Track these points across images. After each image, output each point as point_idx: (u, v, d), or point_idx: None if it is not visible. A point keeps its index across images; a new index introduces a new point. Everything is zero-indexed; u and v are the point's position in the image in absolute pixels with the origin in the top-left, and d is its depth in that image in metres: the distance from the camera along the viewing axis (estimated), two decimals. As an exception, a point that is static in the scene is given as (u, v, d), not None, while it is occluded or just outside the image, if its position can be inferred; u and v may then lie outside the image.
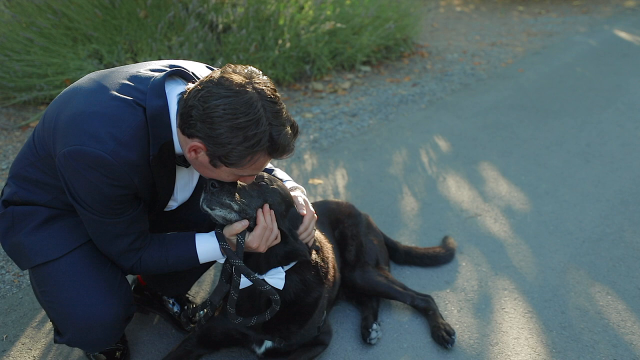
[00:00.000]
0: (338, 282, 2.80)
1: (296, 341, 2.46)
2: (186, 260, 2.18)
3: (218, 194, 2.02)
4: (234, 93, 1.77)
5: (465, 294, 3.04)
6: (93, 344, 2.11)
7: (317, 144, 4.88)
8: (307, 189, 4.09)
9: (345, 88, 6.33)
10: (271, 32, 5.86)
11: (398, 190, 4.12)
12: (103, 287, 2.06)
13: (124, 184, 1.90)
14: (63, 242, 2.08)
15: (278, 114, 1.83)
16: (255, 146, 1.81)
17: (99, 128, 1.84)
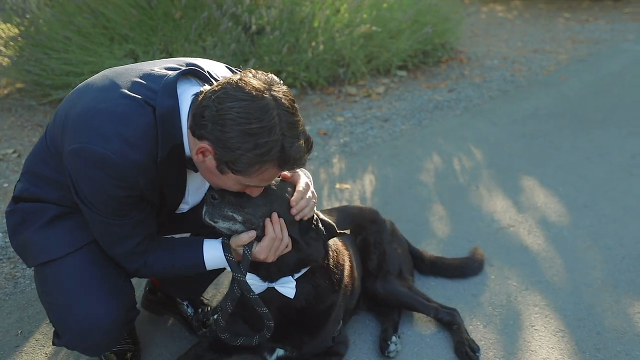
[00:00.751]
0: (357, 291, 2.69)
1: (309, 351, 2.36)
2: (192, 266, 2.11)
3: (219, 205, 1.93)
4: (250, 97, 1.69)
5: (492, 308, 2.89)
6: (91, 348, 2.05)
7: (347, 148, 4.78)
8: (333, 193, 4.00)
9: (379, 92, 6.22)
10: (305, 34, 5.80)
11: (427, 197, 3.99)
12: (104, 289, 2.00)
13: (129, 185, 1.84)
14: (67, 241, 2.04)
15: (293, 126, 1.75)
16: (265, 155, 1.72)
17: (107, 126, 1.78)
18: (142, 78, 1.89)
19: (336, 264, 2.35)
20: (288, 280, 2.16)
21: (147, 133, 1.81)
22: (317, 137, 4.99)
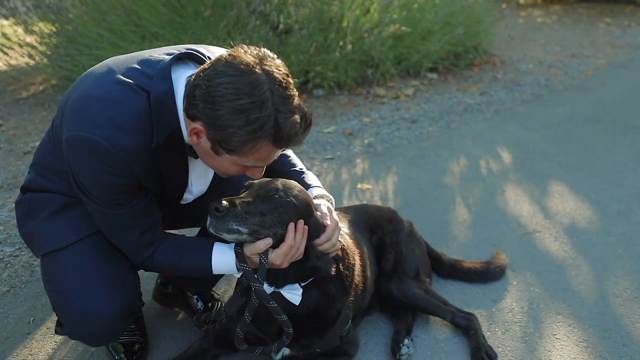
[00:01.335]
0: (370, 291, 2.61)
1: (316, 350, 2.30)
2: (199, 268, 2.06)
3: (223, 219, 1.85)
4: (239, 73, 1.64)
5: (512, 315, 2.77)
6: (92, 338, 2.03)
7: (371, 149, 4.70)
8: (354, 193, 3.93)
9: (408, 94, 6.12)
10: (333, 33, 5.75)
11: (451, 200, 3.88)
12: (106, 280, 1.98)
13: (123, 173, 1.80)
14: (72, 231, 2.02)
15: (287, 100, 1.67)
16: (258, 132, 1.66)
17: (99, 113, 1.75)
18: (139, 64, 1.85)
19: (347, 266, 2.28)
20: (295, 287, 2.10)
21: (141, 119, 1.77)
22: (342, 137, 4.93)
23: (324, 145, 4.76)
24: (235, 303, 2.17)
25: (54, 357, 2.44)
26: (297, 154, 4.48)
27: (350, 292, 2.30)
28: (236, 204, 1.88)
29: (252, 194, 1.96)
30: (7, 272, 2.99)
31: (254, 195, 1.95)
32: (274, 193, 1.96)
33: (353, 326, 2.49)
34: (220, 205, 1.84)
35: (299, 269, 2.06)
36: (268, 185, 1.98)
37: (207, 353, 2.36)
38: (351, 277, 2.31)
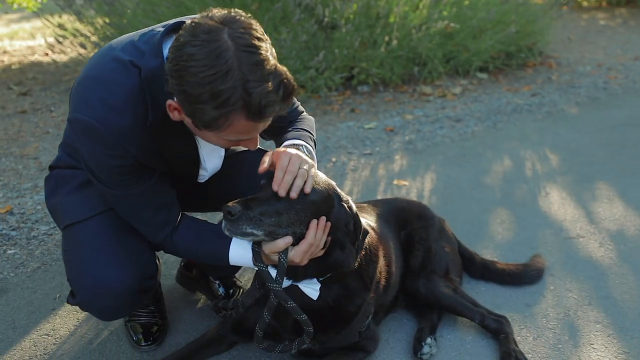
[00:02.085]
0: (394, 287, 2.52)
1: (333, 344, 2.23)
2: (216, 258, 2.02)
3: (237, 222, 1.77)
4: (201, 42, 1.50)
5: (547, 321, 2.61)
6: (102, 311, 2.02)
7: (411, 146, 4.59)
8: (390, 189, 3.83)
9: (455, 93, 5.96)
10: (379, 29, 5.65)
11: (491, 200, 3.72)
12: (118, 254, 1.97)
13: (119, 154, 1.76)
14: (91, 205, 2.03)
15: (257, 67, 1.52)
16: (225, 105, 1.52)
17: (92, 93, 1.72)
18: (138, 38, 1.78)
19: (369, 262, 2.19)
20: (313, 282, 2.04)
21: (134, 96, 1.70)
22: (382, 133, 4.84)
23: (364, 140, 4.67)
24: (253, 295, 2.13)
25: (75, 333, 2.47)
26: (335, 148, 4.45)
27: (371, 288, 2.22)
28: (250, 205, 1.79)
29: (268, 192, 1.86)
30: (40, 249, 3.05)
31: (269, 194, 1.85)
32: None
33: (374, 322, 2.41)
34: (232, 209, 1.76)
35: (319, 264, 2.00)
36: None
37: (223, 340, 2.33)
38: (372, 272, 2.22)
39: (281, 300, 1.94)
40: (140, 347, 2.38)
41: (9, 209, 3.40)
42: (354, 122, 5.08)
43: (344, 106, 5.55)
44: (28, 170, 4.01)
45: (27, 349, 2.37)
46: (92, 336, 2.45)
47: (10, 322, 2.51)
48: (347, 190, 3.80)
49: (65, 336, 2.44)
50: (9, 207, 3.43)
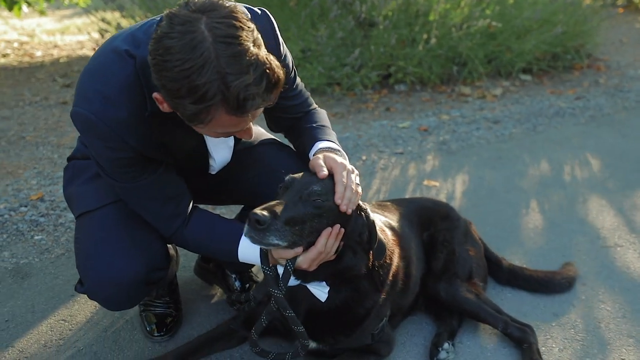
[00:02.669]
0: (414, 290, 2.43)
1: (343, 346, 2.17)
2: (226, 254, 2.00)
3: (263, 232, 1.68)
4: (177, 33, 1.42)
5: (575, 332, 2.48)
6: (108, 301, 2.01)
7: (445, 146, 4.46)
8: (419, 189, 3.73)
9: (495, 95, 5.78)
10: (418, 27, 5.54)
11: (524, 204, 3.58)
12: (126, 245, 1.95)
13: (118, 146, 1.73)
14: (102, 195, 2.03)
15: (236, 58, 1.43)
16: (203, 101, 1.45)
17: (89, 86, 1.69)
18: (137, 28, 1.73)
19: (382, 264, 2.12)
20: (322, 284, 1.99)
21: (130, 87, 1.66)
22: (416, 133, 4.73)
23: (396, 139, 4.58)
24: (264, 289, 2.10)
25: (91, 320, 2.48)
26: (366, 146, 4.37)
27: (383, 290, 2.14)
28: (277, 213, 1.71)
29: (294, 198, 1.78)
30: (65, 237, 3.10)
31: (295, 200, 1.78)
32: (316, 198, 1.77)
33: (391, 326, 2.34)
34: (261, 218, 1.66)
35: (329, 269, 1.95)
36: (310, 187, 1.79)
37: (234, 334, 2.30)
38: (385, 275, 2.15)
39: (280, 308, 1.91)
40: (152, 337, 2.38)
41: (40, 196, 3.47)
42: (387, 120, 4.99)
43: (379, 105, 5.46)
44: (63, 160, 4.08)
45: (44, 333, 2.39)
46: (107, 324, 2.46)
47: (30, 306, 2.54)
48: (375, 189, 3.72)
49: (81, 323, 2.46)
50: (41, 194, 3.50)
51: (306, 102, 2.21)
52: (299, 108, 2.18)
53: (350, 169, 1.85)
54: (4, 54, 7.69)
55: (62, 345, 2.33)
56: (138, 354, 2.31)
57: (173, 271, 2.51)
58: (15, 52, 7.92)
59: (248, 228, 1.70)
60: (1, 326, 2.42)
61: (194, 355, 2.25)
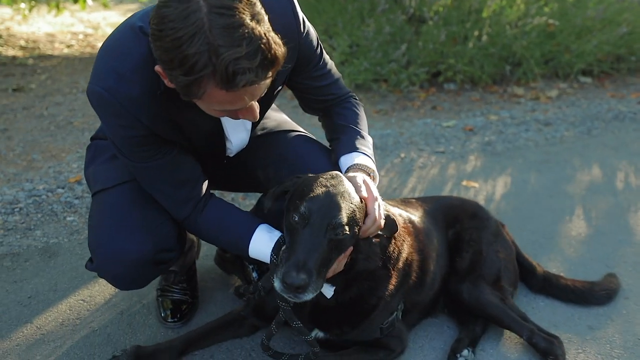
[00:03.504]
0: (432, 287, 2.31)
1: (351, 338, 2.09)
2: (237, 247, 1.98)
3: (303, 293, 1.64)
4: (175, 2, 1.40)
5: (611, 347, 2.29)
6: (115, 279, 1.99)
7: (490, 147, 4.28)
8: (457, 189, 3.58)
9: (550, 96, 5.51)
10: (469, 23, 5.35)
11: (568, 210, 3.37)
12: (136, 224, 1.93)
13: (130, 124, 1.71)
14: (117, 175, 2.02)
15: (228, 30, 1.38)
16: (193, 72, 1.41)
17: (104, 64, 1.68)
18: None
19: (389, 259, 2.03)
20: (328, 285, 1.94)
21: (143, 65, 1.62)
22: (460, 132, 4.56)
23: (438, 138, 4.43)
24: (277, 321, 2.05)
25: (109, 302, 2.49)
26: (406, 144, 4.25)
27: (389, 285, 2.05)
28: (311, 269, 1.63)
29: (319, 235, 1.68)
30: (95, 219, 3.14)
31: (320, 237, 1.68)
32: (341, 230, 1.69)
33: (406, 323, 2.24)
34: (301, 283, 1.61)
35: (339, 277, 1.90)
36: (335, 220, 1.68)
37: (244, 322, 2.27)
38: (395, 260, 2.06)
39: (288, 319, 1.88)
40: (166, 323, 2.37)
41: (78, 179, 3.54)
42: (432, 119, 4.83)
43: (425, 103, 5.31)
44: (105, 145, 4.17)
45: (62, 312, 2.42)
46: (124, 307, 2.47)
47: (53, 284, 2.59)
48: (410, 187, 3.60)
49: (99, 304, 2.48)
50: (79, 177, 3.57)
51: (336, 85, 2.16)
52: (328, 90, 2.13)
53: (380, 201, 1.84)
54: (69, 45, 7.98)
55: (78, 324, 2.35)
56: (150, 338, 2.30)
57: (191, 257, 2.50)
58: (79, 43, 8.21)
59: (284, 291, 1.66)
60: (23, 302, 2.47)
61: (204, 341, 2.24)
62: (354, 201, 1.75)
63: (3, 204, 3.23)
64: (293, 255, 1.67)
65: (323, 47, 2.08)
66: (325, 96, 2.14)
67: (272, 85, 1.93)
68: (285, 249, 1.76)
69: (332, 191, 1.73)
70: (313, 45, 2.00)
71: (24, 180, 3.53)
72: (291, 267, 1.64)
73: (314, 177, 1.82)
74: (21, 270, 2.67)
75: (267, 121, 2.35)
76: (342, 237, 1.70)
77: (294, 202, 1.75)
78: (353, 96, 2.23)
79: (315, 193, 1.73)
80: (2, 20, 8.86)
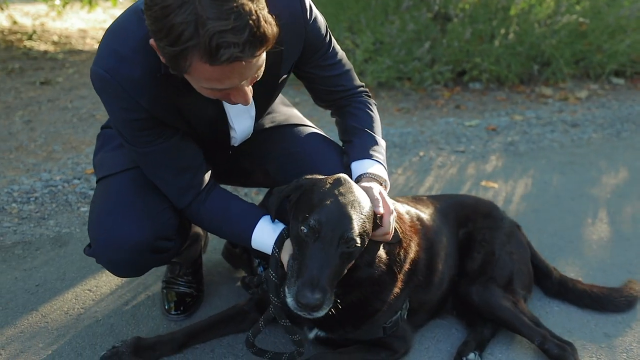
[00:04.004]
0: (439, 286, 2.24)
1: (352, 337, 2.04)
2: (239, 238, 1.95)
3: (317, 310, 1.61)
4: None
5: (627, 356, 2.19)
6: (111, 264, 1.97)
7: (512, 147, 4.16)
8: (475, 189, 3.49)
9: (580, 97, 5.35)
10: (495, 21, 5.22)
11: (591, 213, 3.25)
12: (135, 209, 1.91)
13: (130, 107, 1.70)
14: (121, 162, 2.01)
15: (218, 2, 1.36)
16: (179, 42, 1.39)
17: (106, 45, 1.67)
18: None
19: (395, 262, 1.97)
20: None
21: (145, 47, 1.59)
22: (483, 132, 4.45)
23: (460, 137, 4.33)
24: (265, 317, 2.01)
25: (115, 293, 2.49)
26: (426, 142, 4.17)
27: (395, 289, 1.99)
28: (325, 288, 1.60)
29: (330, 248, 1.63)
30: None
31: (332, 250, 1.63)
32: (353, 243, 1.64)
33: (412, 323, 2.18)
34: (315, 302, 1.58)
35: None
36: (347, 233, 1.63)
37: (247, 316, 2.24)
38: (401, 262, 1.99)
39: (277, 316, 1.84)
40: (169, 315, 2.35)
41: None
42: (454, 118, 4.74)
43: (449, 102, 5.21)
44: (125, 139, 4.20)
45: (68, 300, 2.43)
46: (129, 298, 2.46)
47: (62, 273, 2.60)
48: (427, 186, 3.52)
49: (105, 294, 2.48)
50: (96, 169, 3.60)
51: (346, 76, 2.11)
52: (337, 80, 2.09)
53: (393, 210, 1.80)
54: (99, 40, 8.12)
55: (83, 314, 2.36)
56: (152, 330, 2.28)
57: (196, 250, 2.47)
58: (108, 39, 8.34)
59: (298, 309, 1.63)
60: (31, 290, 2.48)
61: (205, 335, 2.21)
62: (364, 211, 1.69)
63: (20, 193, 3.27)
64: (305, 271, 1.62)
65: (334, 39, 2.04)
66: (335, 87, 2.10)
67: (275, 72, 1.91)
68: (294, 261, 1.71)
69: (342, 201, 1.67)
70: (321, 33, 1.96)
71: (42, 171, 3.58)
72: (305, 287, 1.59)
73: (321, 182, 1.76)
74: (32, 259, 2.69)
75: (276, 115, 2.31)
76: (353, 249, 1.66)
77: (302, 211, 1.70)
78: (365, 92, 2.18)
79: (324, 204, 1.67)
80: (38, 17, 9.06)
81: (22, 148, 3.95)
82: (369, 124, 2.10)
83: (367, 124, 2.09)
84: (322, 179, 1.79)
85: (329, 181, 1.76)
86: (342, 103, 2.13)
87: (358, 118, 2.09)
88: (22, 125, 4.37)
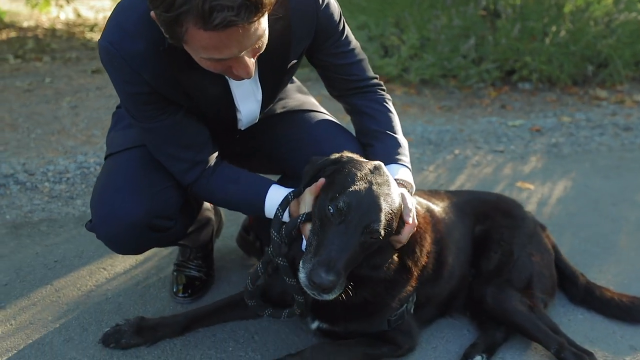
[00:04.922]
0: (450, 281, 2.15)
1: (355, 330, 1.97)
2: (251, 206, 1.94)
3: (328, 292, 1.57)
4: None
5: (652, 372, 2.02)
6: (109, 239, 1.97)
7: (555, 149, 3.96)
8: (508, 190, 3.33)
9: (637, 101, 5.04)
10: (547, 18, 4.99)
11: (633, 220, 3.03)
12: (135, 185, 1.91)
13: (133, 80, 1.71)
14: (128, 140, 2.03)
15: None
16: (172, 7, 1.38)
17: (112, 19, 1.69)
18: None
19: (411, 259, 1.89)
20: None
21: (149, 21, 1.58)
22: (525, 132, 4.26)
23: (500, 137, 4.16)
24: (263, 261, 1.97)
25: (128, 273, 2.52)
26: (463, 141, 4.02)
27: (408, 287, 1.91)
28: (340, 270, 1.55)
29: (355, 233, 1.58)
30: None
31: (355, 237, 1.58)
32: (377, 235, 1.59)
33: (419, 319, 2.10)
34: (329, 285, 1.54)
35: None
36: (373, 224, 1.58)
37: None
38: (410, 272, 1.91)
39: (284, 275, 1.80)
40: (176, 297, 2.35)
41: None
42: (497, 117, 4.56)
43: (495, 101, 5.03)
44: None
45: (82, 277, 2.48)
46: (140, 278, 2.48)
47: (80, 251, 2.65)
48: (457, 184, 3.40)
49: (118, 273, 2.51)
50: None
51: (359, 65, 2.06)
52: (350, 69, 2.04)
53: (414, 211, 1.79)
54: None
55: (93, 291, 2.39)
56: (159, 311, 2.29)
57: (207, 235, 2.45)
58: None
59: (309, 288, 1.59)
60: (49, 265, 2.54)
61: (208, 319, 2.20)
62: (394, 207, 1.64)
63: (54, 173, 3.37)
64: (324, 251, 1.57)
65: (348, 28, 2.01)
66: (349, 76, 2.05)
67: (284, 55, 1.88)
68: (314, 237, 1.66)
69: (376, 191, 1.62)
70: (334, 20, 1.92)
71: (79, 153, 3.68)
72: (321, 266, 1.54)
73: (359, 164, 1.72)
74: (54, 236, 2.76)
75: (289, 100, 2.28)
76: (374, 240, 1.61)
77: (333, 188, 1.65)
78: (379, 86, 2.12)
79: (357, 187, 1.62)
80: (102, 10, 9.41)
81: (64, 131, 4.09)
82: (389, 124, 2.05)
83: (386, 125, 2.04)
84: (362, 161, 1.75)
85: (367, 166, 1.71)
86: (356, 98, 2.08)
87: (376, 120, 2.05)
88: (68, 110, 4.52)
